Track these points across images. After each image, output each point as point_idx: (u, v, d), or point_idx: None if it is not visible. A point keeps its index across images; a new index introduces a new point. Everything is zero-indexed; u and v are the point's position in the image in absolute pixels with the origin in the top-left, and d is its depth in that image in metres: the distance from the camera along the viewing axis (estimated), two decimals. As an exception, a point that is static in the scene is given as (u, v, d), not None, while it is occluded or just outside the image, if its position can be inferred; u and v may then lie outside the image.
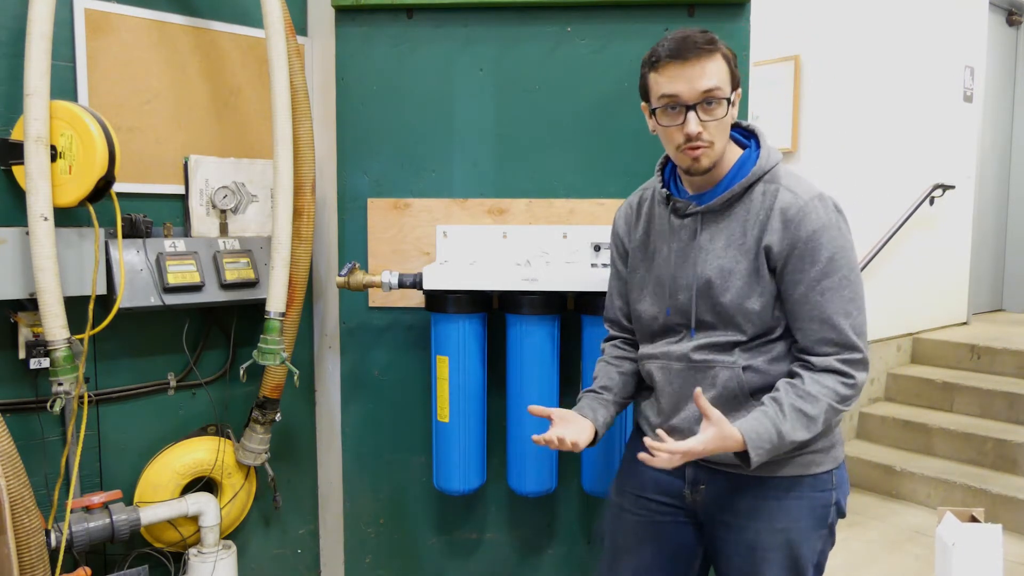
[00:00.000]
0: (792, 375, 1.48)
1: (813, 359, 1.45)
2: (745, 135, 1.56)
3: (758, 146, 1.53)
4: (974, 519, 2.44)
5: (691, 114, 1.41)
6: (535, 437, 1.52)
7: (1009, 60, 5.74)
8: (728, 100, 1.44)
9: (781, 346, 1.50)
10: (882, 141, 4.44)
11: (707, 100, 1.41)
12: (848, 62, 4.18)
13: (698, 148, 1.44)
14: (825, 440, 1.53)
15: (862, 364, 1.44)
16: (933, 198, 4.80)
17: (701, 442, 1.37)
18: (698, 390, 1.41)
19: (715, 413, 1.38)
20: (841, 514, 1.58)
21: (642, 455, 1.40)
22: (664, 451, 1.37)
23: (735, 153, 1.53)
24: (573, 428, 1.56)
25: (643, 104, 1.54)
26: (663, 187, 1.59)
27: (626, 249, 1.70)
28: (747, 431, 1.39)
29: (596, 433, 1.59)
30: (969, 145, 5.16)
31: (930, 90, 4.78)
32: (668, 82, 1.42)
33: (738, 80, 1.48)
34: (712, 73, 1.41)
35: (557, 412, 1.58)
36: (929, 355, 4.62)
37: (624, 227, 1.70)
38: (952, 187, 4.91)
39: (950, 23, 4.87)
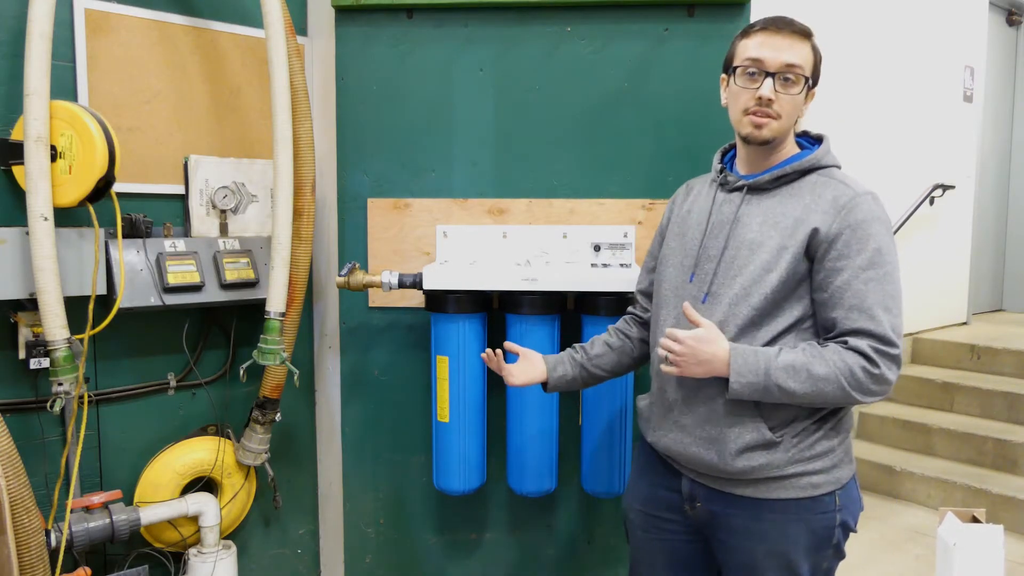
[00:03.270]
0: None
1: (848, 339, 1.40)
2: (811, 142, 1.59)
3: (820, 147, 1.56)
4: (975, 519, 2.44)
5: (768, 80, 1.46)
6: (484, 354, 1.75)
7: (1009, 60, 5.74)
8: (807, 80, 1.47)
9: (787, 343, 1.47)
10: (882, 141, 4.44)
11: (787, 74, 1.46)
12: (848, 62, 4.18)
13: (765, 116, 1.47)
14: (825, 460, 1.48)
15: (893, 361, 1.39)
16: (933, 198, 4.80)
17: (690, 333, 1.43)
18: (686, 304, 1.47)
19: (707, 322, 1.45)
20: (849, 532, 1.53)
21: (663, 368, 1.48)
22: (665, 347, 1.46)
23: (795, 149, 1.56)
24: (523, 366, 1.76)
25: (722, 76, 1.58)
26: (719, 164, 1.63)
27: (663, 228, 1.74)
28: (736, 351, 1.41)
29: (547, 381, 1.77)
30: (969, 145, 5.16)
31: (930, 90, 4.78)
32: (756, 47, 1.48)
33: (818, 78, 1.51)
34: (799, 51, 1.47)
35: (524, 351, 1.79)
36: (929, 355, 4.62)
37: (670, 207, 1.76)
38: (952, 187, 4.91)
39: (950, 23, 4.87)
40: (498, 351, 1.75)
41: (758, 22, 1.51)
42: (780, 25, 1.47)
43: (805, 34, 1.48)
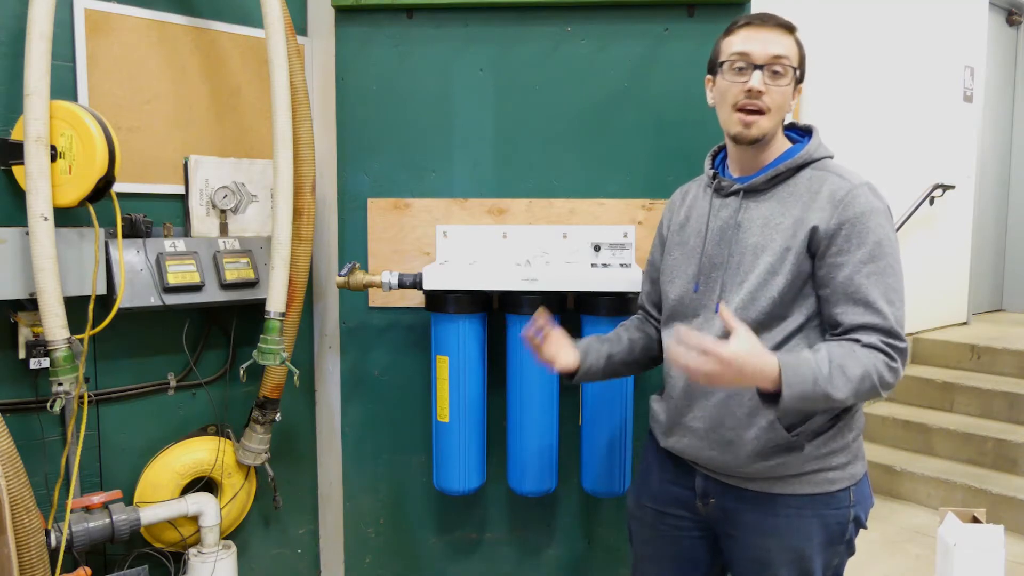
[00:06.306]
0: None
1: (860, 336, 1.37)
2: (800, 134, 1.58)
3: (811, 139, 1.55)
4: (976, 519, 2.44)
5: (757, 72, 1.44)
6: (526, 334, 1.62)
7: (1009, 60, 5.73)
8: (795, 71, 1.46)
9: (797, 344, 1.45)
10: (882, 141, 4.43)
11: (775, 66, 1.44)
12: (848, 62, 4.18)
13: (754, 112, 1.45)
14: (840, 456, 1.48)
15: (903, 355, 1.38)
16: (933, 198, 4.79)
17: (735, 350, 1.26)
18: (722, 304, 1.42)
19: (743, 326, 1.32)
20: (860, 527, 1.53)
21: (674, 350, 1.31)
22: (690, 347, 1.28)
23: (786, 144, 1.55)
24: (561, 349, 1.64)
25: (707, 77, 1.57)
26: (711, 169, 1.61)
27: (664, 236, 1.72)
28: (785, 362, 1.30)
29: (577, 369, 1.65)
30: (969, 145, 5.15)
31: (930, 90, 4.78)
32: (741, 42, 1.47)
33: (804, 74, 1.51)
34: (785, 43, 1.46)
35: (557, 332, 1.65)
36: (929, 355, 4.61)
37: (668, 213, 1.73)
38: (952, 187, 4.90)
39: (950, 23, 4.87)
40: (544, 343, 1.63)
41: (740, 19, 1.50)
42: (764, 19, 1.47)
43: (789, 28, 1.48)
